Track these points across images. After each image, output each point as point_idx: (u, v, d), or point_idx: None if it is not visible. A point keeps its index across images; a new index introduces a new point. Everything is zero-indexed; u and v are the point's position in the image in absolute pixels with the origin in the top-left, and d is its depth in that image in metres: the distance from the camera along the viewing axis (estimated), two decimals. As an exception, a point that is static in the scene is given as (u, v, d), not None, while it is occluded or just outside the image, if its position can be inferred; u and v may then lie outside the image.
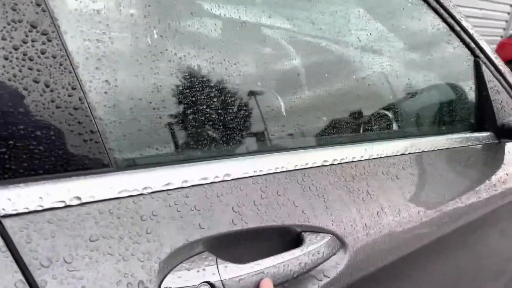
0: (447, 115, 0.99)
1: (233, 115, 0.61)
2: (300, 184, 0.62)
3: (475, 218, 0.88)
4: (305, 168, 0.64)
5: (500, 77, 1.03)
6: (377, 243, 0.67)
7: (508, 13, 9.68)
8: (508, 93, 1.04)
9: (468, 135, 0.95)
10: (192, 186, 0.52)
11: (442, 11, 0.90)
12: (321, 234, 0.60)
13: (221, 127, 0.60)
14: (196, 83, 0.58)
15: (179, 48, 0.56)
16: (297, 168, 0.63)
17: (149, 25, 0.53)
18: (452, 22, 0.92)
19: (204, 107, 0.58)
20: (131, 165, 0.50)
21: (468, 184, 0.88)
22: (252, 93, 0.66)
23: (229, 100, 0.62)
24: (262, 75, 0.67)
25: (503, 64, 1.06)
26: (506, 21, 9.78)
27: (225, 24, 0.64)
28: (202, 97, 0.58)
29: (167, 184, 0.50)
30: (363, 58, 0.85)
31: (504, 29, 9.79)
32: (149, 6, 0.53)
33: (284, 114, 0.70)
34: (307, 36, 0.79)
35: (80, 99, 0.45)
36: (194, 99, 0.57)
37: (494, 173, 0.95)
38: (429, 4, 0.88)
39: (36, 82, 0.42)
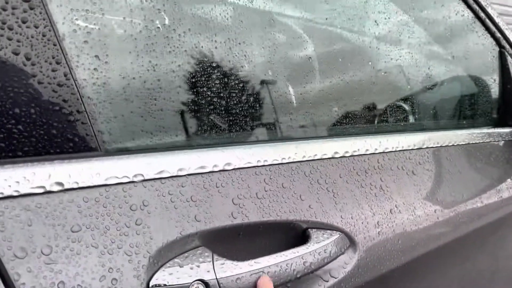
0: (468, 108, 0.93)
1: (236, 100, 0.57)
2: (308, 177, 0.58)
3: (495, 219, 0.83)
4: (313, 160, 0.59)
5: (526, 70, 0.97)
6: (390, 243, 0.62)
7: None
8: (535, 87, 0.97)
9: (490, 130, 0.89)
10: (189, 175, 0.47)
11: (467, -4, 0.84)
12: (329, 231, 0.56)
13: (223, 112, 0.55)
14: (198, 65, 0.53)
15: (179, 25, 0.51)
16: (305, 159, 0.58)
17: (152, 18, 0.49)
18: (477, 8, 0.85)
19: (206, 89, 0.53)
20: (122, 149, 0.46)
21: (488, 183, 0.82)
22: (258, 80, 0.61)
23: (233, 84, 0.57)
24: (271, 62, 0.62)
25: (531, 56, 1.00)
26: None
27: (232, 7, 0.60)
28: (204, 79, 0.53)
29: (161, 172, 0.45)
30: (381, 47, 0.79)
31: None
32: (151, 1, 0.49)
33: (294, 102, 0.66)
34: (321, 24, 0.74)
35: (65, 75, 0.41)
36: (194, 80, 0.52)
37: (517, 171, 0.89)
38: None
39: (15, 54, 0.38)
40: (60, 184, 0.39)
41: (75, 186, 0.40)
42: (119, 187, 0.43)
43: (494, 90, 0.95)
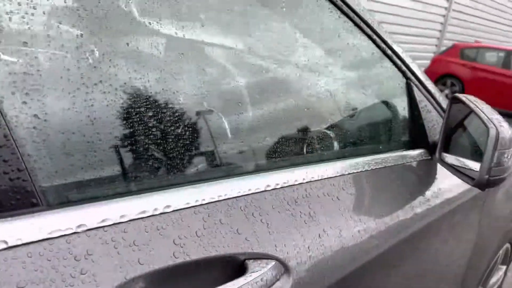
0: (384, 134, 1.04)
1: (172, 145, 0.61)
2: (243, 211, 0.63)
3: (414, 231, 0.93)
4: (248, 194, 0.64)
5: (430, 97, 1.10)
6: (320, 264, 0.68)
7: (440, 31, 10.41)
8: (438, 112, 1.11)
9: (403, 153, 1.00)
10: (130, 220, 0.50)
11: (375, 36, 0.95)
12: (265, 260, 0.61)
13: (160, 158, 0.59)
14: (131, 114, 0.56)
15: (114, 78, 0.55)
16: (240, 194, 0.63)
17: (81, 53, 0.52)
18: (385, 47, 0.97)
19: (142, 138, 0.57)
20: (64, 202, 0.48)
21: (404, 200, 0.92)
22: (191, 120, 0.65)
23: (167, 130, 0.61)
24: (201, 103, 0.67)
25: (433, 85, 1.14)
26: (438, 38, 10.51)
27: (165, 45, 0.64)
28: (139, 129, 0.57)
29: (103, 221, 0.48)
30: (303, 84, 0.87)
31: (436, 45, 10.51)
32: (81, 36, 0.52)
33: (225, 142, 0.71)
34: (249, 57, 0.80)
35: (5, 136, 0.43)
36: (129, 131, 0.55)
37: (428, 188, 1.01)
38: (363, 30, 0.93)
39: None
40: (4, 242, 0.41)
41: (19, 242, 0.42)
42: (62, 239, 0.45)
43: (405, 117, 1.07)
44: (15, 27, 0.46)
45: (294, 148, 0.82)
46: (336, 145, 0.90)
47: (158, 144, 0.59)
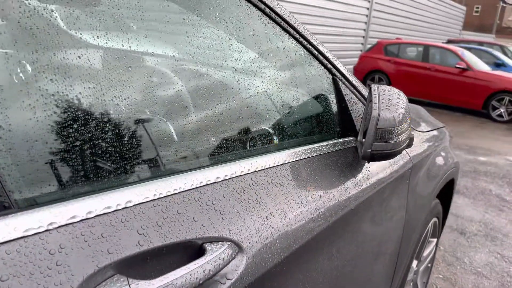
0: (317, 126, 1.15)
1: (128, 145, 0.66)
2: (197, 201, 0.69)
3: (349, 210, 1.04)
4: (200, 187, 0.71)
5: (354, 90, 1.24)
6: (270, 244, 0.77)
7: (364, 30, 11.05)
8: (362, 103, 1.25)
9: (335, 141, 1.12)
10: (97, 216, 0.56)
11: (301, 39, 1.06)
12: (220, 242, 0.68)
13: (119, 158, 0.64)
14: (87, 117, 0.61)
15: (63, 83, 0.59)
16: (193, 187, 0.70)
17: (23, 59, 0.56)
18: (310, 47, 1.08)
19: (100, 140, 0.62)
20: (34, 204, 0.52)
21: (339, 183, 1.04)
22: (141, 121, 0.71)
23: (123, 132, 0.66)
24: (151, 102, 0.73)
25: (356, 79, 1.28)
26: (363, 37, 11.15)
27: (105, 54, 0.68)
28: (96, 131, 0.62)
29: (72, 217, 0.53)
30: (242, 86, 0.96)
31: (362, 43, 11.14)
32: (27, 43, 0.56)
33: (176, 139, 0.77)
34: (188, 63, 0.87)
35: (-25, 147, 0.46)
36: (87, 134, 0.60)
37: (359, 171, 1.14)
38: (289, 34, 1.03)
39: None
40: (-17, 242, 0.45)
41: (-4, 242, 0.46)
42: (36, 237, 0.49)
43: (335, 109, 1.19)
44: None
45: (239, 143, 0.90)
46: (275, 138, 1.00)
47: (115, 146, 0.64)
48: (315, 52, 1.10)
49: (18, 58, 0.54)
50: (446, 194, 2.27)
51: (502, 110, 8.33)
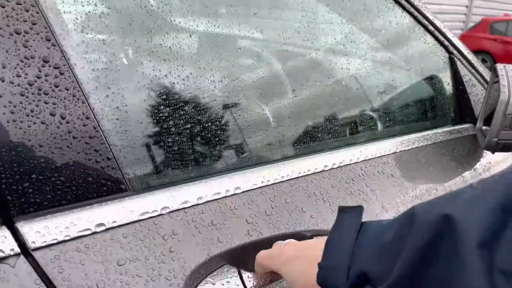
0: (430, 110, 1.03)
1: (236, 130, 0.63)
2: (305, 190, 0.65)
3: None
4: (308, 175, 0.66)
5: (474, 71, 1.09)
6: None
7: (466, 6, 10.07)
8: (482, 85, 1.10)
9: (450, 128, 1.00)
10: (206, 202, 0.53)
11: (416, 13, 0.95)
12: (330, 236, 0.63)
13: (227, 143, 0.62)
14: (196, 104, 0.59)
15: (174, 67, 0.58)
16: (300, 175, 0.65)
17: (148, 49, 0.55)
18: (426, 22, 0.97)
19: (209, 125, 0.60)
20: (147, 187, 0.52)
21: (455, 174, 0.92)
22: (246, 107, 0.68)
23: (229, 117, 0.64)
24: (261, 92, 0.70)
25: (476, 58, 1.12)
26: (465, 14, 10.17)
27: (201, 39, 0.66)
28: (204, 117, 0.60)
29: (184, 202, 0.51)
30: (347, 63, 0.88)
31: (464, 22, 10.17)
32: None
33: (280, 124, 0.73)
34: (285, 45, 0.81)
35: (94, 128, 0.46)
36: (197, 120, 0.58)
37: (478, 161, 1.00)
38: (403, 7, 0.93)
39: (52, 115, 0.43)
40: (102, 224, 0.44)
41: (114, 225, 0.45)
42: (150, 221, 0.48)
43: (450, 92, 1.06)
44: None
45: (345, 129, 0.83)
46: (384, 124, 0.91)
47: (223, 130, 0.61)
48: (430, 27, 0.98)
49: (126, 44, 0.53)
50: None
51: None
